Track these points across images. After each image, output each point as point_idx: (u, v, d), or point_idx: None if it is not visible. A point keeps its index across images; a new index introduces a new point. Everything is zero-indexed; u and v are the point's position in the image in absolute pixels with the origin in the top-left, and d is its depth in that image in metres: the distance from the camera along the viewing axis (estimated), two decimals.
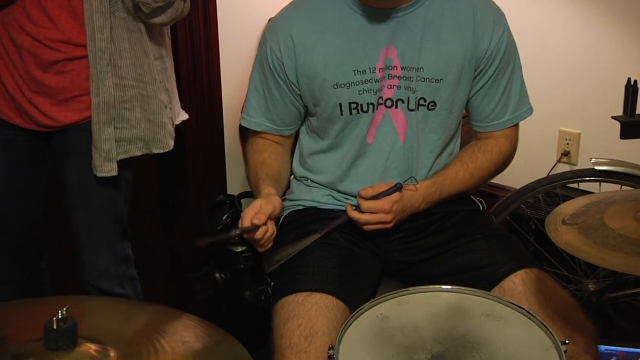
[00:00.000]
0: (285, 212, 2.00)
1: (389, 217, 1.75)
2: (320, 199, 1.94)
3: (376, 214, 1.75)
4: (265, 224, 1.67)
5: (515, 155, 2.00)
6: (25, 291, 2.12)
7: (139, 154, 1.99)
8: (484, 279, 1.75)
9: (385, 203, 1.75)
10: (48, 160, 2.04)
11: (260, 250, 1.72)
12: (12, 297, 2.08)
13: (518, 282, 1.74)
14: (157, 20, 1.91)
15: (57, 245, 2.22)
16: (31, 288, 2.14)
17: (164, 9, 1.89)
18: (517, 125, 1.95)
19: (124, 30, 1.88)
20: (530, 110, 1.95)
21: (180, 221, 2.74)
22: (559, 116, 2.90)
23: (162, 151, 2.03)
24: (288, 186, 2.05)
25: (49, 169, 2.06)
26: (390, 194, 1.76)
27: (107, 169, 1.92)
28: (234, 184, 2.77)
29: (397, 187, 1.77)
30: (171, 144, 2.05)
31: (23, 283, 2.13)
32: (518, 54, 1.91)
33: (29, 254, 2.13)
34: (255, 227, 1.66)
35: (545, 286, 1.75)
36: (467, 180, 1.88)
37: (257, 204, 1.70)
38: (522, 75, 1.93)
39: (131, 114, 1.94)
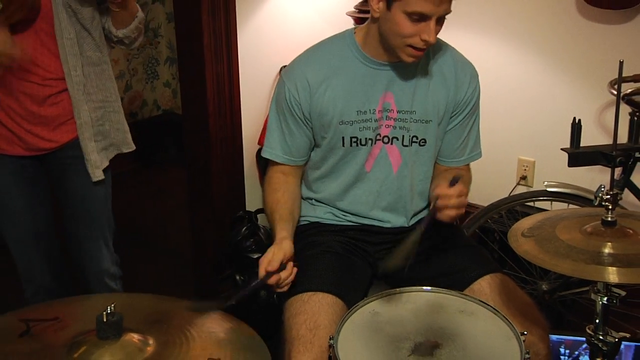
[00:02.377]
0: None
1: (466, 199, 1.68)
2: (322, 215, 1.93)
3: (462, 197, 1.65)
4: (278, 270, 1.61)
5: (482, 179, 2.00)
6: (57, 291, 2.11)
7: (113, 157, 2.04)
8: (457, 281, 1.74)
9: (463, 187, 1.65)
10: (44, 176, 2.05)
11: (279, 290, 1.65)
12: (50, 296, 2.07)
13: (485, 285, 1.74)
14: (135, 45, 2.03)
15: None
16: (63, 288, 2.13)
17: (138, 38, 2.00)
18: (469, 164, 1.95)
19: (91, 65, 1.93)
20: (480, 154, 1.94)
21: (207, 232, 2.73)
22: (518, 147, 2.90)
23: (129, 150, 2.09)
24: None
25: (47, 183, 2.07)
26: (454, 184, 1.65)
27: (98, 174, 1.98)
28: (252, 202, 2.77)
29: (457, 179, 1.65)
30: (133, 144, 2.10)
31: (58, 284, 2.12)
32: (479, 108, 1.91)
33: (57, 257, 2.12)
34: (270, 274, 1.60)
35: (507, 288, 1.75)
36: None
37: (269, 253, 1.64)
38: (479, 125, 1.93)
39: (104, 128, 1.99)
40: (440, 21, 1.64)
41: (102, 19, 1.94)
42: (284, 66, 2.70)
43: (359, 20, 2.63)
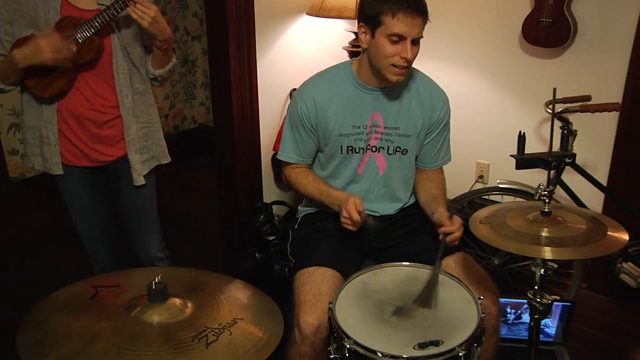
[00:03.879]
0: (302, 214, 2.00)
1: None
2: None
3: (461, 228, 1.68)
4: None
5: (448, 177, 2.00)
6: (117, 269, 2.10)
7: (154, 167, 2.02)
8: (429, 259, 1.73)
9: (460, 220, 1.69)
10: (104, 182, 2.03)
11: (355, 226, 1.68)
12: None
13: (451, 261, 1.74)
14: (164, 84, 2.01)
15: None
16: (122, 267, 2.12)
17: (168, 78, 1.99)
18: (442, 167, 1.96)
19: (138, 95, 1.92)
20: (450, 159, 1.96)
21: (232, 220, 2.73)
22: (476, 152, 2.90)
23: (167, 162, 2.05)
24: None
25: (105, 187, 2.05)
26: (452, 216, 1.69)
27: (140, 181, 1.96)
28: (267, 195, 2.76)
29: (452, 209, 1.71)
30: (169, 157, 2.07)
31: (118, 263, 2.12)
32: (449, 125, 1.92)
33: (117, 243, 2.12)
34: (362, 214, 1.67)
35: (468, 263, 1.76)
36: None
37: (351, 201, 1.67)
38: (449, 138, 1.93)
39: (147, 143, 1.97)
40: (415, 43, 1.65)
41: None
42: (294, 89, 2.70)
43: (351, 53, 2.63)
